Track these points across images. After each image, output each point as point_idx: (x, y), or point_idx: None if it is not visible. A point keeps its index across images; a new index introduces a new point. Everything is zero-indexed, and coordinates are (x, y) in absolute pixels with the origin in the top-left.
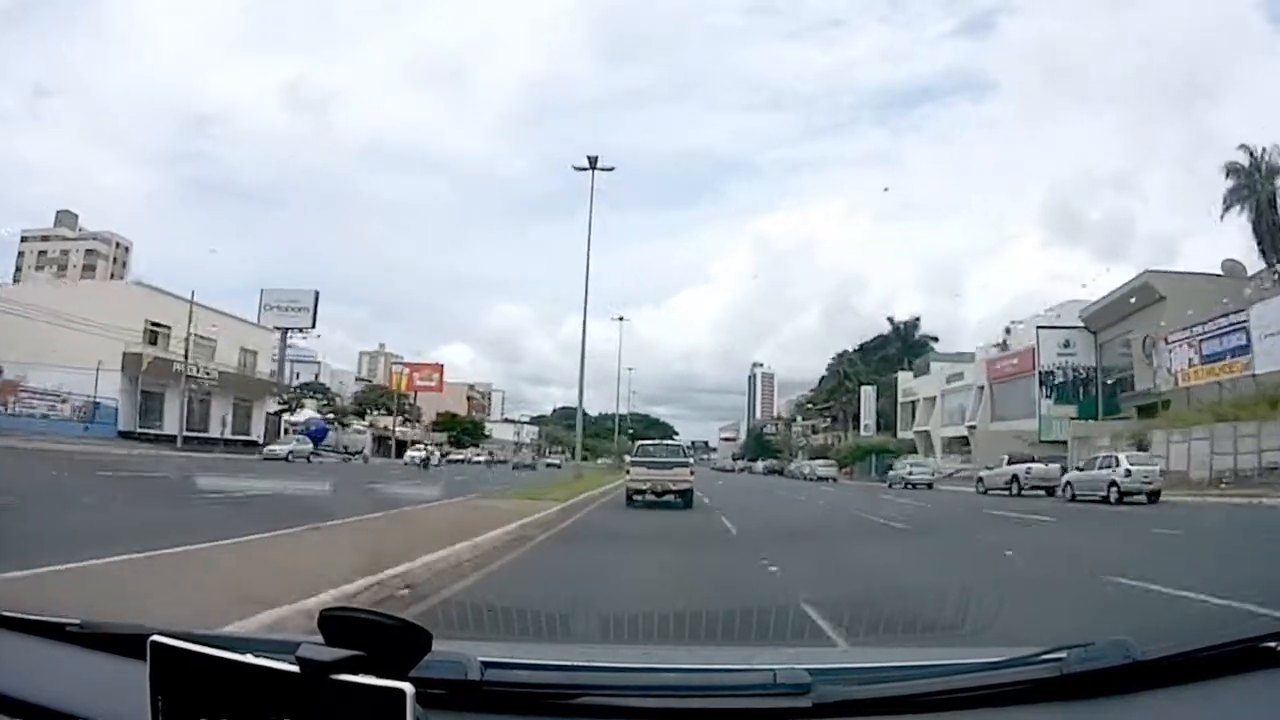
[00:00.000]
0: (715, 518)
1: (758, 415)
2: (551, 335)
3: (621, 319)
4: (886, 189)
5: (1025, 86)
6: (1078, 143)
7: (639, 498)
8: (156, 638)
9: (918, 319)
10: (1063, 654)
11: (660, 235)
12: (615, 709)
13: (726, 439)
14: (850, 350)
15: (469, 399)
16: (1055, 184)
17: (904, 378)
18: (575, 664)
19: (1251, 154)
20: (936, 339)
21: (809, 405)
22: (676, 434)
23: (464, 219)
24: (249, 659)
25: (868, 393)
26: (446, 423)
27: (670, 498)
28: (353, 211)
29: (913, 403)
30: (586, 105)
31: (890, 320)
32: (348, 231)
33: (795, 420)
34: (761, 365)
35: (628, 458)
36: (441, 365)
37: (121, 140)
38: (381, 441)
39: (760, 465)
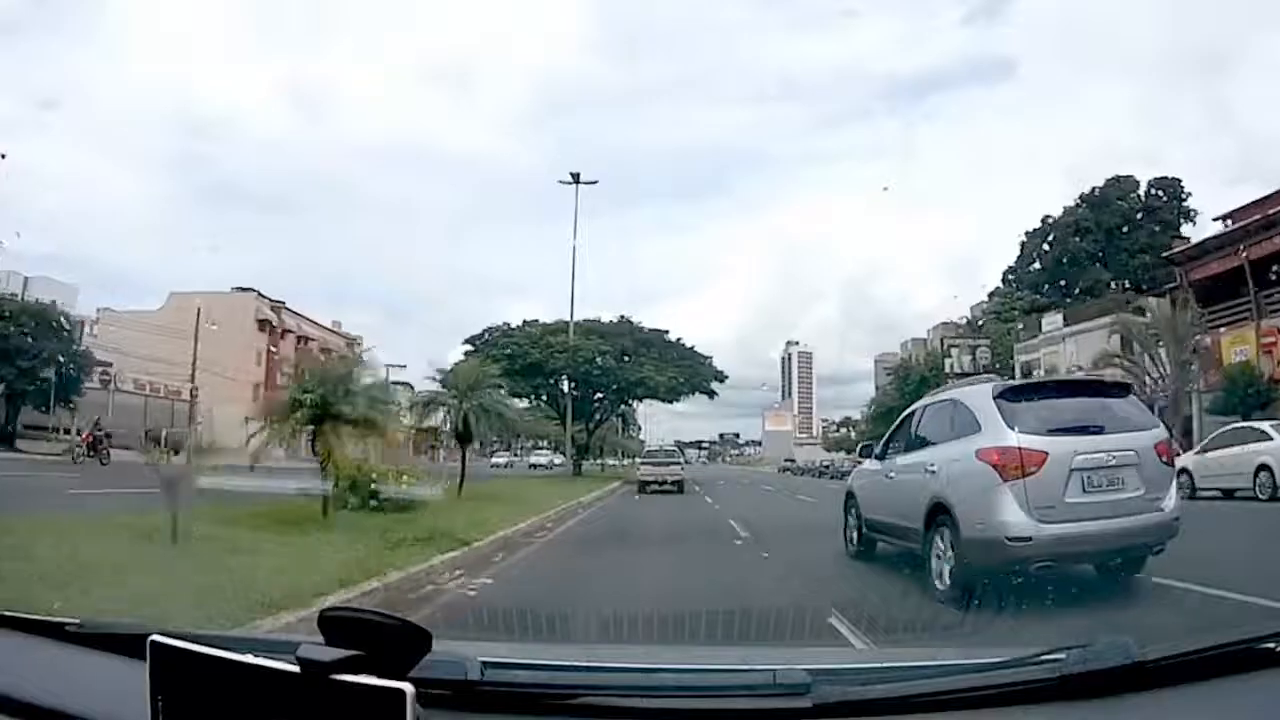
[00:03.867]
0: None
1: (794, 396)
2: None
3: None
4: (886, 188)
5: (1041, 67)
6: (1097, 123)
7: (647, 487)
8: (156, 637)
9: None
10: (1062, 654)
11: (673, 230)
12: (615, 709)
13: (776, 425)
14: None
15: (264, 324)
16: (1074, 166)
17: None
18: (575, 664)
19: None
20: None
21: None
22: (692, 346)
23: (475, 219)
24: (249, 659)
25: None
26: None
27: (668, 486)
28: (362, 213)
29: None
30: (597, 101)
31: None
32: (358, 233)
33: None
34: (797, 344)
35: (637, 459)
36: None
37: (127, 146)
38: None
39: None
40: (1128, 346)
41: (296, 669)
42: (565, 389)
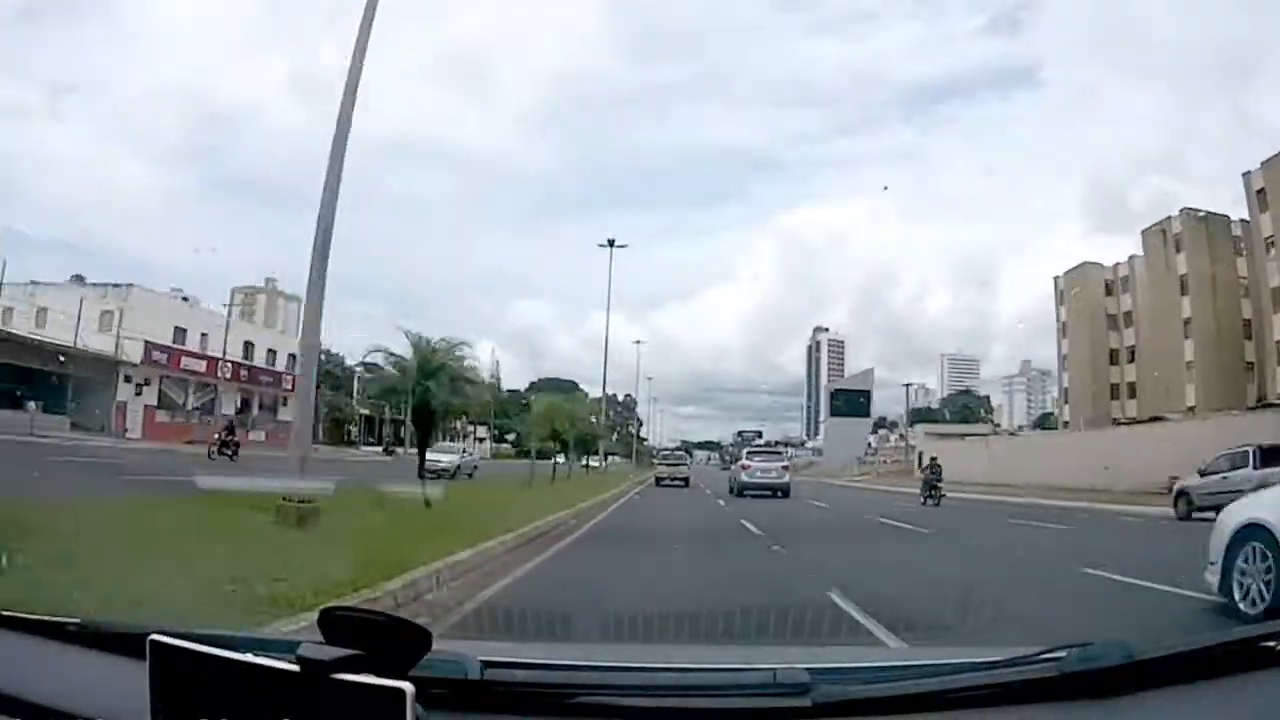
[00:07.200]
0: None
1: (823, 385)
2: (574, 332)
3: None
4: (886, 187)
5: (1060, 73)
6: (1117, 129)
7: (661, 481)
8: (156, 636)
9: None
10: (1062, 653)
11: (684, 234)
12: (615, 708)
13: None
14: None
15: None
16: (1094, 172)
17: None
18: (575, 664)
19: None
20: None
21: None
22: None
23: (488, 216)
24: (249, 658)
25: None
26: None
27: (678, 481)
28: (372, 208)
29: None
30: (612, 102)
31: None
32: (366, 227)
33: None
34: (826, 330)
35: (656, 460)
36: None
37: (137, 136)
38: None
39: None
40: None
41: (296, 668)
42: None
